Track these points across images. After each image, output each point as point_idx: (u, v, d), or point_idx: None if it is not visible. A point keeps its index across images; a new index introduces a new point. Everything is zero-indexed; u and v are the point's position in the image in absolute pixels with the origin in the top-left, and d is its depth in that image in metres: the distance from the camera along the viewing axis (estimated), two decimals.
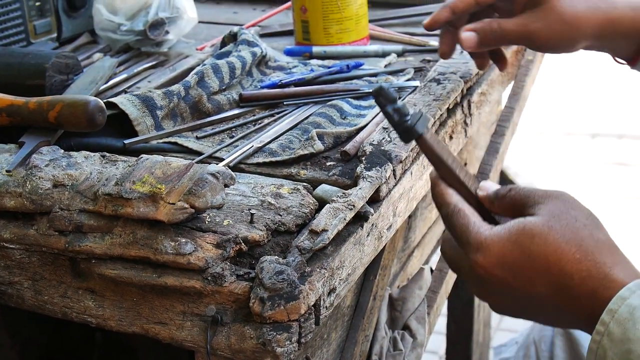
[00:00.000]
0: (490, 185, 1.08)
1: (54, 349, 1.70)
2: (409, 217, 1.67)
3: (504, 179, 2.82)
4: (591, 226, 0.99)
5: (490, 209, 1.06)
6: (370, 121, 1.49)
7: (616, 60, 1.47)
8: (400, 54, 1.86)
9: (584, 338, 1.65)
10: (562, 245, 0.97)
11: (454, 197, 1.06)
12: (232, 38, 1.80)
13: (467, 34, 1.41)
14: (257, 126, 1.51)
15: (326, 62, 1.79)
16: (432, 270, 1.78)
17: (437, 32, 1.52)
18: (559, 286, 0.97)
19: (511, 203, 1.04)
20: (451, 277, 1.82)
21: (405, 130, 1.06)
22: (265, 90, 1.61)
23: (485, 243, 1.00)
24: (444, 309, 2.40)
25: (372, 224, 1.26)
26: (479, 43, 1.41)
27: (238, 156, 1.39)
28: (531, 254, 0.98)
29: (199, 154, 1.42)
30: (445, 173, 1.09)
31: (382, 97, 1.06)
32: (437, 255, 1.84)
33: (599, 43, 1.42)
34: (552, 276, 0.97)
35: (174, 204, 1.10)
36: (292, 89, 1.61)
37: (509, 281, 0.99)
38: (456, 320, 2.45)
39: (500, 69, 1.56)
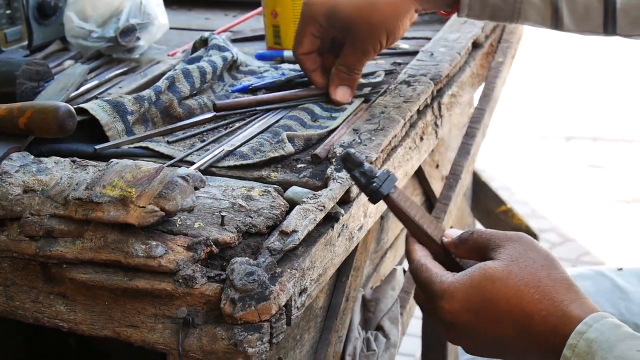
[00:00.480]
0: (454, 232, 1.17)
1: (30, 354, 1.70)
2: (381, 218, 1.68)
3: (478, 182, 2.84)
4: (548, 267, 1.07)
5: (456, 254, 1.15)
6: (341, 124, 1.50)
7: (442, 14, 1.61)
8: None
9: None
10: (521, 287, 1.04)
11: (418, 253, 1.17)
12: (203, 43, 1.81)
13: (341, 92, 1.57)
14: (228, 130, 1.52)
15: (297, 66, 1.80)
16: (404, 271, 1.79)
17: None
18: (522, 326, 1.03)
19: (474, 246, 1.12)
20: None
21: (372, 192, 1.19)
22: (239, 99, 1.61)
23: (448, 290, 1.08)
24: (419, 311, 2.41)
25: (343, 225, 1.27)
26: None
27: (209, 160, 1.39)
28: (493, 298, 1.05)
29: (170, 158, 1.43)
30: (412, 228, 1.21)
31: (349, 162, 1.19)
32: None
33: None
34: (514, 317, 1.04)
35: (144, 207, 1.11)
36: (266, 96, 1.61)
37: (475, 324, 1.07)
38: (431, 323, 2.45)
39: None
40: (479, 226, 2.87)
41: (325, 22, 1.53)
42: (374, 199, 1.21)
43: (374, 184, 1.19)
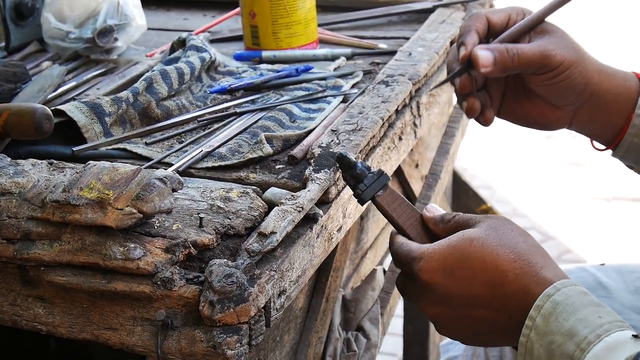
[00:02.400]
0: (436, 209, 1.22)
1: (8, 357, 1.70)
2: (361, 218, 1.68)
3: (458, 181, 2.84)
4: (525, 235, 1.13)
5: (435, 231, 1.20)
6: (319, 124, 1.50)
7: (595, 147, 1.44)
8: (349, 57, 1.87)
9: None
10: (497, 247, 1.10)
11: (399, 238, 1.21)
12: (181, 44, 1.80)
13: (484, 52, 1.27)
14: (207, 131, 1.51)
15: (276, 67, 1.80)
16: (385, 272, 1.79)
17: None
18: (495, 284, 1.08)
19: (455, 226, 1.17)
20: None
21: (356, 196, 1.23)
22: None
23: (427, 252, 1.13)
24: (400, 311, 2.41)
25: (322, 226, 1.26)
26: (495, 63, 1.27)
27: (187, 161, 1.39)
28: (470, 256, 1.10)
29: (148, 159, 1.42)
30: (398, 229, 1.24)
31: (341, 164, 1.24)
32: (390, 256, 1.85)
33: (593, 101, 1.34)
34: (488, 274, 1.09)
35: (122, 209, 1.10)
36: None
37: (448, 285, 1.11)
38: (412, 322, 2.46)
39: (484, 122, 1.39)
40: None
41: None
42: (360, 203, 1.24)
43: (358, 190, 1.23)
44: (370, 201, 1.24)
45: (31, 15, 1.95)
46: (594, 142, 1.43)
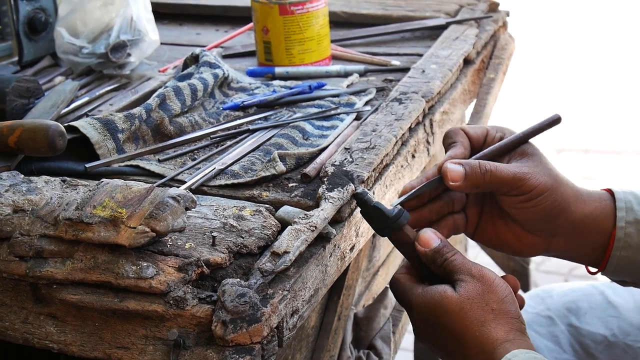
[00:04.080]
0: (429, 238, 1.25)
1: None
2: (373, 236, 1.67)
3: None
4: (498, 310, 1.18)
5: (429, 266, 1.24)
6: (332, 142, 1.50)
7: (589, 272, 1.40)
8: (362, 74, 1.87)
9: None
10: (467, 324, 1.17)
11: (398, 279, 1.27)
12: (194, 60, 1.80)
13: (454, 166, 1.25)
14: (220, 148, 1.51)
15: (289, 83, 1.80)
16: None
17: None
18: (462, 354, 1.19)
19: (444, 271, 1.22)
20: None
21: (400, 212, 1.24)
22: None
23: (413, 301, 1.22)
24: (411, 327, 2.40)
25: (335, 245, 1.26)
26: (465, 178, 1.25)
27: (200, 179, 1.39)
28: (441, 324, 1.19)
29: (161, 176, 1.42)
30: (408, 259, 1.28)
31: (360, 204, 1.24)
32: None
33: (572, 231, 1.32)
34: (456, 342, 1.18)
35: (135, 228, 1.10)
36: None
37: (428, 333, 1.22)
38: None
39: (460, 231, 1.37)
40: (471, 243, 2.86)
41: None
42: (398, 224, 1.24)
43: (375, 229, 1.26)
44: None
45: (44, 30, 1.96)
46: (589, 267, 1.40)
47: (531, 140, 1.32)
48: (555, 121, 1.32)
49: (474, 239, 1.39)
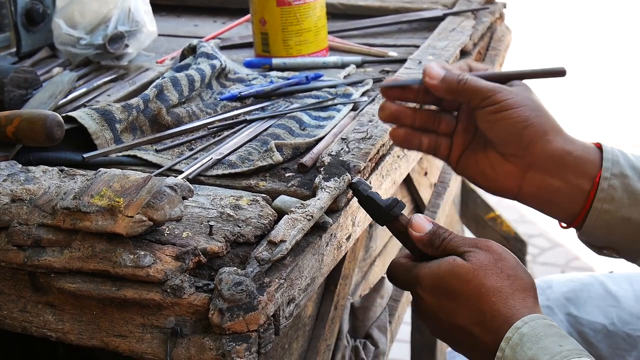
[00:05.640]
0: (422, 222, 1.24)
1: None
2: (370, 226, 1.68)
3: (466, 189, 2.84)
4: (513, 277, 1.17)
5: (428, 253, 1.23)
6: (329, 132, 1.50)
7: (561, 226, 1.36)
8: (359, 65, 1.88)
9: None
10: (482, 290, 1.15)
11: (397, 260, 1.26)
12: (192, 51, 1.81)
13: (436, 67, 1.27)
14: (217, 138, 1.52)
15: (286, 74, 1.80)
16: None
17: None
18: (475, 320, 1.16)
19: (444, 253, 1.21)
20: None
21: (394, 203, 1.24)
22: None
23: (419, 274, 1.20)
24: (407, 318, 2.41)
25: (331, 234, 1.27)
26: (442, 80, 1.26)
27: (197, 168, 1.39)
28: (455, 292, 1.17)
29: (159, 166, 1.43)
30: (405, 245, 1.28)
31: (364, 184, 1.26)
32: None
33: (551, 165, 1.28)
34: (470, 311, 1.16)
35: (132, 217, 1.11)
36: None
37: (437, 309, 1.19)
38: (420, 329, 2.46)
39: (439, 155, 1.37)
40: (467, 234, 2.87)
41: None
42: (392, 214, 1.25)
43: (373, 218, 1.27)
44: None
45: (42, 21, 1.96)
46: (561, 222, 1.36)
47: None
48: (558, 72, 1.29)
49: (456, 169, 1.37)
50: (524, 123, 1.26)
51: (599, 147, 1.30)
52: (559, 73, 1.29)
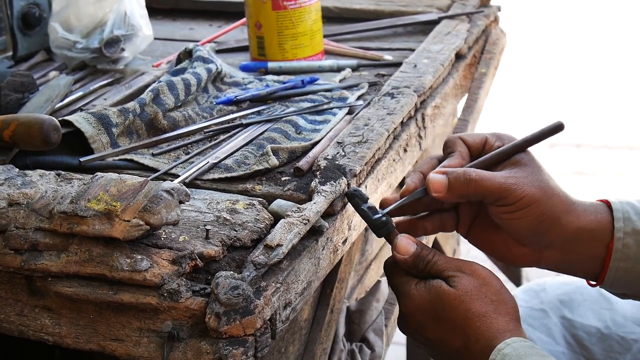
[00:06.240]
0: (407, 243, 1.25)
1: None
2: (366, 229, 1.68)
3: None
4: (497, 302, 1.20)
5: (409, 271, 1.25)
6: (325, 136, 1.51)
7: (590, 284, 1.37)
8: (354, 69, 1.88)
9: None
10: (468, 315, 1.19)
11: (393, 270, 1.28)
12: (188, 55, 1.81)
13: (437, 177, 1.25)
14: (213, 142, 1.52)
15: (281, 78, 1.81)
16: None
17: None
18: (460, 342, 1.19)
19: (428, 275, 1.23)
20: None
21: (382, 225, 1.25)
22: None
23: (408, 293, 1.23)
24: None
25: (327, 238, 1.27)
26: (449, 189, 1.24)
27: (194, 172, 1.40)
28: (441, 317, 1.20)
29: (155, 170, 1.43)
30: None
31: (357, 198, 1.26)
32: None
33: (566, 244, 1.30)
34: (456, 334, 1.19)
35: (129, 221, 1.11)
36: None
37: (424, 327, 1.23)
38: None
39: (447, 230, 1.37)
40: (462, 239, 2.85)
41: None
42: (381, 233, 1.26)
43: (383, 218, 1.25)
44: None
45: (38, 25, 1.96)
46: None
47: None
48: (557, 128, 1.29)
49: (468, 239, 1.37)
50: (539, 218, 1.26)
51: (607, 204, 1.31)
52: (558, 129, 1.29)
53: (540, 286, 1.80)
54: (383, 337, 1.65)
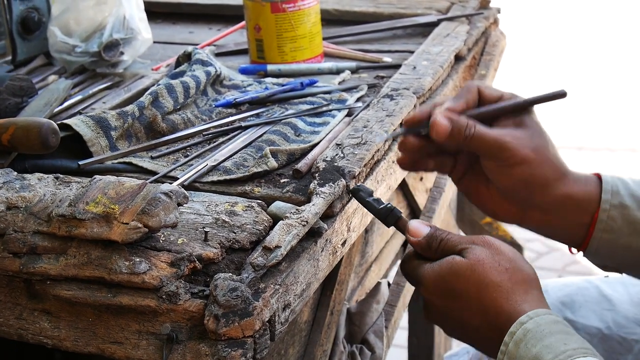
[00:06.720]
0: (419, 227, 1.25)
1: None
2: (366, 231, 1.68)
3: (462, 194, 2.84)
4: (512, 269, 1.18)
5: (425, 255, 1.24)
6: (324, 138, 1.51)
7: (571, 251, 1.41)
8: (354, 71, 1.88)
9: None
10: (482, 286, 1.16)
11: (408, 257, 1.27)
12: (187, 58, 1.81)
13: (443, 120, 1.27)
14: (212, 145, 1.52)
15: (281, 80, 1.81)
16: (389, 284, 1.80)
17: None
18: (480, 318, 1.17)
19: (442, 253, 1.22)
20: (408, 291, 1.83)
21: (388, 212, 1.26)
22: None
23: (424, 276, 1.21)
24: (404, 323, 2.41)
25: (326, 240, 1.27)
26: (450, 135, 1.27)
27: (192, 175, 1.40)
28: (456, 292, 1.18)
29: (154, 173, 1.43)
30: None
31: (362, 192, 1.28)
32: (395, 269, 1.85)
33: (551, 208, 1.33)
34: (473, 309, 1.17)
35: (127, 223, 1.11)
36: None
37: (443, 308, 1.21)
38: (417, 334, 2.46)
39: (442, 172, 1.41)
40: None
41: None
42: (389, 221, 1.26)
43: (389, 205, 1.26)
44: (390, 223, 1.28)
45: (37, 29, 1.96)
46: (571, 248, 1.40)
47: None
48: (559, 95, 1.32)
49: (458, 187, 1.40)
50: (528, 179, 1.29)
51: (599, 177, 1.34)
52: (561, 96, 1.32)
53: (542, 288, 1.80)
54: (383, 339, 1.65)
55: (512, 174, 1.29)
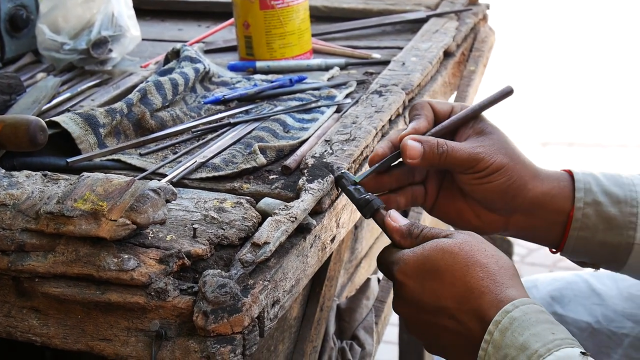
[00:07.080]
0: (399, 217, 1.24)
1: None
2: (355, 227, 1.68)
3: None
4: (497, 256, 1.17)
5: (403, 245, 1.22)
6: (313, 134, 1.51)
7: (551, 251, 1.41)
8: (343, 67, 1.88)
9: None
10: (468, 264, 1.15)
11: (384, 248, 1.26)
12: (175, 55, 1.81)
13: (413, 143, 1.27)
14: (201, 142, 1.52)
15: (270, 77, 1.80)
16: (379, 280, 1.80)
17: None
18: (461, 298, 1.14)
19: (424, 240, 1.20)
20: None
21: (366, 203, 1.25)
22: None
23: (402, 258, 1.19)
24: (394, 319, 2.42)
25: (315, 236, 1.27)
26: (423, 157, 1.27)
27: (181, 172, 1.40)
28: (440, 268, 1.15)
29: (143, 170, 1.43)
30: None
31: (345, 180, 1.28)
32: None
33: (531, 208, 1.34)
34: (456, 288, 1.14)
35: (115, 220, 1.11)
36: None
37: (418, 292, 1.17)
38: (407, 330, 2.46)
39: (417, 204, 1.39)
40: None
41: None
42: (366, 212, 1.26)
43: (368, 196, 1.26)
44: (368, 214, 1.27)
45: (26, 26, 1.96)
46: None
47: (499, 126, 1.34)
48: (507, 93, 1.34)
49: (432, 214, 1.39)
50: (507, 183, 1.30)
51: (570, 174, 1.35)
52: (508, 94, 1.35)
53: (532, 283, 1.80)
54: (373, 334, 1.66)
55: (491, 183, 1.30)
